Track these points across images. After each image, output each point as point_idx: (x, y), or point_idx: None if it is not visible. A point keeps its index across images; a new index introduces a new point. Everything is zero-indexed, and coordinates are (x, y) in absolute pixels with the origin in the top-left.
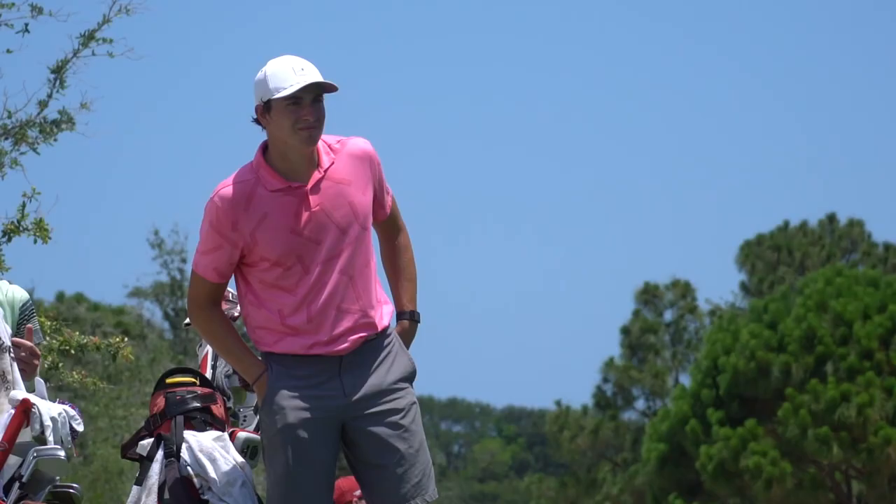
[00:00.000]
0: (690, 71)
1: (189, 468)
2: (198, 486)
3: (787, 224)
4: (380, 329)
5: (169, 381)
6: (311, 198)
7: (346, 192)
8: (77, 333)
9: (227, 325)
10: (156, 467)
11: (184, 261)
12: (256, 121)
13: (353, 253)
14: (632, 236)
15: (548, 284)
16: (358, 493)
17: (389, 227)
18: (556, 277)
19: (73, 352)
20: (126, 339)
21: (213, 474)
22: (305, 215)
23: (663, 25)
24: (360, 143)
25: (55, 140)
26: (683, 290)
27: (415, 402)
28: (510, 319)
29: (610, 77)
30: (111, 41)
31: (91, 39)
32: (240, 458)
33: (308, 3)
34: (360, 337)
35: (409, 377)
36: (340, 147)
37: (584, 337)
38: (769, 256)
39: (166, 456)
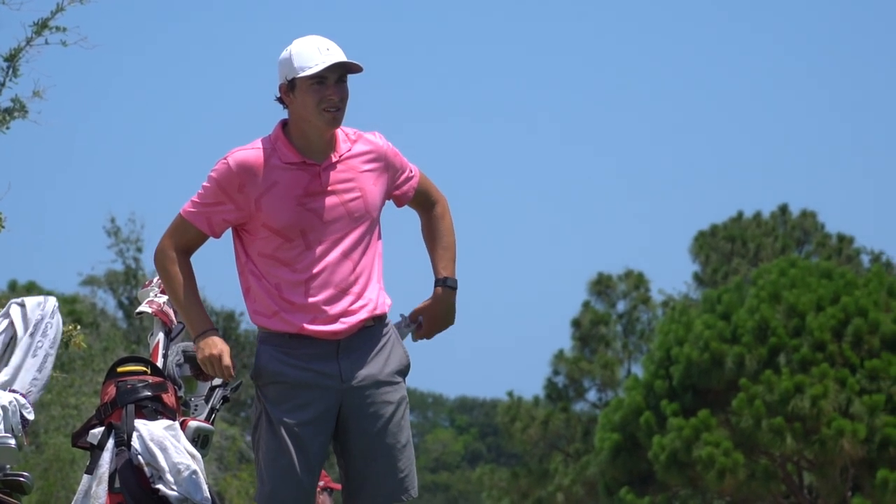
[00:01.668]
0: (643, 62)
1: (140, 457)
2: (148, 474)
3: (740, 215)
4: (378, 315)
5: (120, 369)
6: (323, 176)
7: (358, 178)
8: None
9: (190, 277)
10: (106, 456)
11: (139, 250)
12: (279, 99)
13: (358, 237)
14: (585, 227)
15: (501, 275)
16: (321, 483)
17: (423, 200)
18: (509, 268)
19: None
20: (79, 327)
21: (163, 463)
22: (315, 191)
23: (616, 18)
24: (376, 138)
25: (7, 128)
26: (637, 281)
27: (405, 398)
28: (463, 309)
29: (562, 69)
30: (65, 30)
31: (44, 28)
32: (190, 448)
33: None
34: (359, 321)
35: (404, 371)
36: (357, 138)
37: (537, 327)
38: (723, 247)
39: (117, 445)
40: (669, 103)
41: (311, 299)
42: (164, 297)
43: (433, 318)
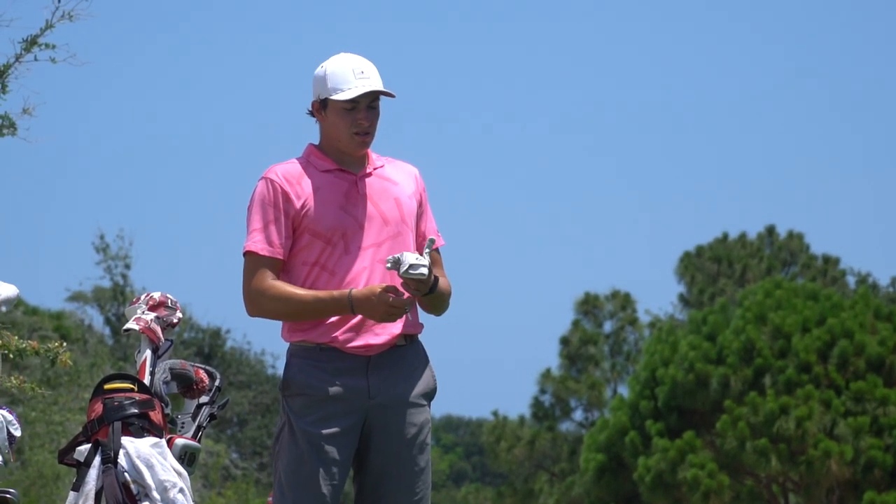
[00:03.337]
0: (629, 83)
1: (126, 474)
2: (135, 492)
3: (726, 236)
4: (410, 333)
5: (107, 386)
6: (360, 184)
7: (392, 189)
8: (16, 338)
9: (293, 286)
10: (93, 473)
11: (128, 266)
12: (311, 114)
13: (393, 246)
14: (572, 246)
15: (487, 293)
16: None
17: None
18: (495, 286)
19: (11, 356)
20: (65, 343)
21: (150, 480)
22: (354, 198)
23: (601, 40)
24: (409, 165)
25: None
26: (623, 302)
27: (429, 421)
28: (449, 328)
29: (547, 91)
30: (54, 47)
31: (34, 45)
32: (177, 465)
33: (256, 13)
34: (393, 336)
35: (430, 395)
36: (391, 162)
37: (523, 347)
38: (709, 268)
39: (103, 462)
40: (656, 124)
41: None
42: (152, 315)
43: None
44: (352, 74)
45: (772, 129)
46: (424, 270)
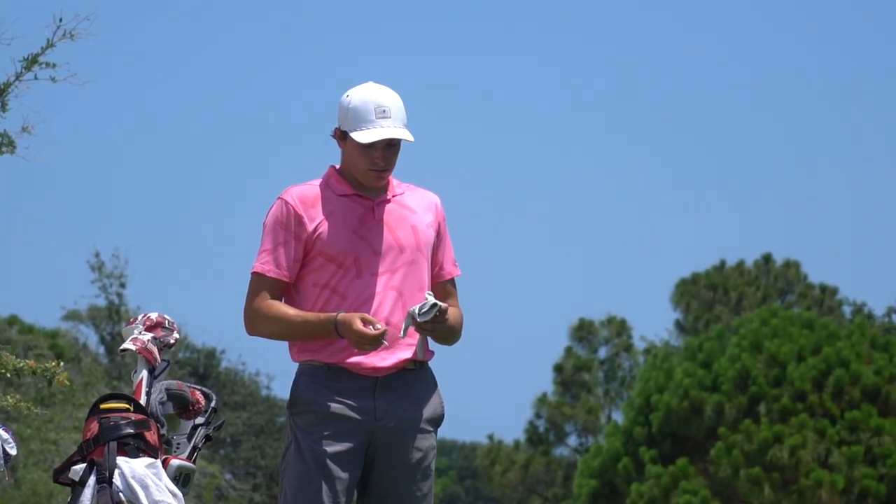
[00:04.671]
0: (622, 106)
1: (121, 494)
2: None
3: (723, 263)
4: (420, 359)
5: (103, 406)
6: (377, 210)
7: (410, 216)
8: (14, 357)
9: (287, 307)
10: (88, 493)
11: (122, 285)
12: (333, 136)
13: (408, 273)
14: (568, 272)
15: (482, 317)
16: None
17: (443, 297)
18: (490, 310)
19: (8, 375)
20: (61, 363)
21: (144, 501)
22: (369, 223)
23: (594, 67)
24: (434, 196)
25: None
26: (619, 328)
27: (434, 447)
28: (442, 352)
29: (541, 115)
30: (54, 66)
31: (34, 63)
32: (172, 486)
33: (253, 36)
34: (401, 360)
35: (437, 421)
36: (412, 189)
37: (517, 371)
38: (705, 295)
39: (98, 482)
40: (652, 149)
41: None
42: (149, 335)
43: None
44: (373, 113)
45: (770, 157)
46: (429, 316)
